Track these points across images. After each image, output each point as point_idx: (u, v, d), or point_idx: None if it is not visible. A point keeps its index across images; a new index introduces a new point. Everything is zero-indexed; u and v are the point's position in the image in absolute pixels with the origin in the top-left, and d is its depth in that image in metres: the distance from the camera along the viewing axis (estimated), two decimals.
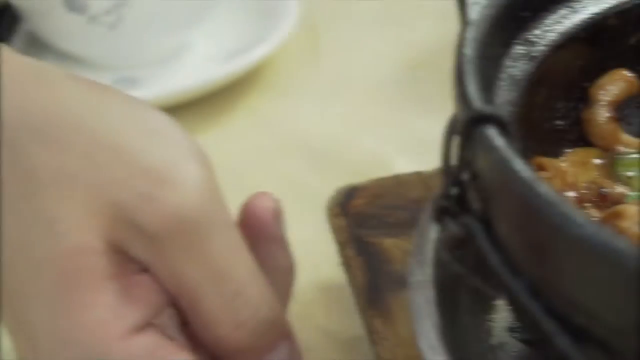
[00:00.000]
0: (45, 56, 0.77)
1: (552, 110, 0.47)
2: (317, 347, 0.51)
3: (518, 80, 0.43)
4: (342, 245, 0.51)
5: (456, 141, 0.36)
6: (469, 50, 0.39)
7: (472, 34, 0.40)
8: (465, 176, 0.37)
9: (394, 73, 0.75)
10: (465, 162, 0.36)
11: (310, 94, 0.74)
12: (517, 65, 0.43)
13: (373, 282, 0.49)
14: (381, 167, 0.58)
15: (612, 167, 0.48)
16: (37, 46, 0.78)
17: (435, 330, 0.40)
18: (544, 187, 0.32)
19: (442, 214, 0.37)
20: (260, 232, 0.43)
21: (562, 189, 0.45)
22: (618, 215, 0.43)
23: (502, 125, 0.35)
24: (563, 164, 0.46)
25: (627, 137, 0.49)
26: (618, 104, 0.48)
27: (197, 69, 0.77)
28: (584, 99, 0.48)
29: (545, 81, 0.45)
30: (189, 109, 0.71)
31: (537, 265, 0.34)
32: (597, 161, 0.48)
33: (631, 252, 0.30)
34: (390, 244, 0.51)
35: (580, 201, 0.45)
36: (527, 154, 0.45)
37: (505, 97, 0.41)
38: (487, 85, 0.40)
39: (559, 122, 0.48)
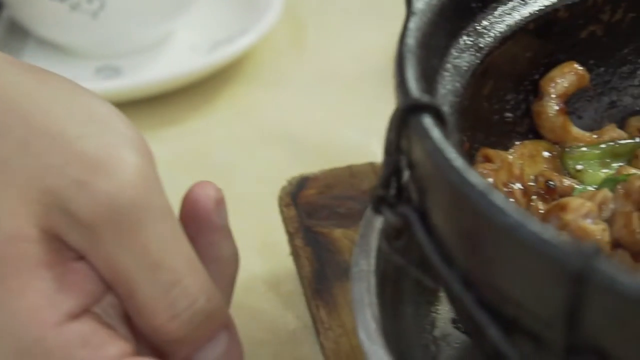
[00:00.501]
0: (27, 44, 0.77)
1: (502, 102, 0.47)
2: (265, 336, 0.51)
3: (464, 71, 0.42)
4: (291, 235, 0.51)
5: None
6: (411, 40, 0.38)
7: (415, 23, 0.39)
8: (403, 165, 0.37)
9: (377, 64, 0.75)
10: (403, 151, 0.36)
11: (293, 84, 0.74)
12: (463, 55, 0.43)
13: (320, 272, 0.49)
14: (363, 158, 0.58)
15: (561, 160, 0.48)
16: (19, 34, 0.77)
17: (375, 320, 0.40)
18: (475, 176, 0.32)
19: (379, 203, 0.37)
20: (202, 221, 0.42)
21: (508, 181, 0.45)
22: (562, 208, 0.42)
23: (438, 115, 0.35)
24: (511, 156, 0.46)
25: (576, 131, 0.49)
26: (568, 97, 0.48)
27: (180, 58, 0.77)
28: (535, 92, 0.48)
29: (493, 72, 0.45)
30: (172, 98, 0.71)
31: (469, 256, 0.34)
32: (547, 154, 0.48)
33: (558, 243, 0.30)
34: (339, 234, 0.51)
35: (526, 193, 0.45)
36: (473, 145, 0.45)
37: (449, 87, 0.41)
38: (430, 75, 0.40)
39: (508, 114, 0.47)
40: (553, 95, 0.48)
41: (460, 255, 0.34)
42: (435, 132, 0.34)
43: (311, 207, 0.52)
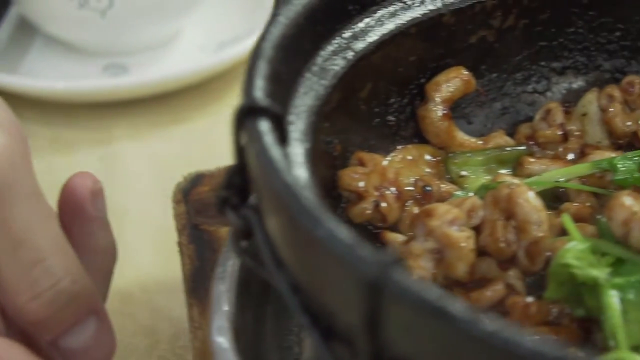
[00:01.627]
0: (35, 40, 0.78)
1: (383, 106, 0.47)
2: (149, 331, 0.51)
3: (334, 74, 0.42)
4: (179, 232, 0.51)
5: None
6: (267, 43, 0.38)
7: (276, 27, 0.39)
8: (245, 167, 0.37)
9: None
10: (241, 153, 0.36)
11: None
12: (334, 58, 0.43)
13: (200, 270, 0.49)
14: None
15: (445, 166, 0.48)
16: (27, 30, 0.78)
17: (228, 320, 0.40)
18: (292, 179, 0.32)
19: (223, 204, 0.37)
20: (77, 210, 0.43)
21: (380, 185, 0.44)
22: (428, 214, 0.42)
23: (276, 118, 0.35)
24: (387, 160, 0.46)
25: (461, 136, 0.48)
26: (454, 102, 0.48)
27: (187, 57, 0.77)
28: (421, 96, 0.48)
29: (371, 75, 0.45)
30: (178, 96, 0.72)
31: (292, 260, 0.34)
32: (431, 159, 0.48)
33: (358, 251, 0.30)
34: (226, 232, 0.51)
35: (400, 198, 0.45)
36: (348, 147, 0.45)
37: (310, 90, 0.41)
38: (286, 78, 0.39)
39: (391, 118, 0.47)
40: (438, 100, 0.48)
41: (287, 258, 0.34)
42: (266, 135, 0.34)
43: (202, 204, 0.52)
